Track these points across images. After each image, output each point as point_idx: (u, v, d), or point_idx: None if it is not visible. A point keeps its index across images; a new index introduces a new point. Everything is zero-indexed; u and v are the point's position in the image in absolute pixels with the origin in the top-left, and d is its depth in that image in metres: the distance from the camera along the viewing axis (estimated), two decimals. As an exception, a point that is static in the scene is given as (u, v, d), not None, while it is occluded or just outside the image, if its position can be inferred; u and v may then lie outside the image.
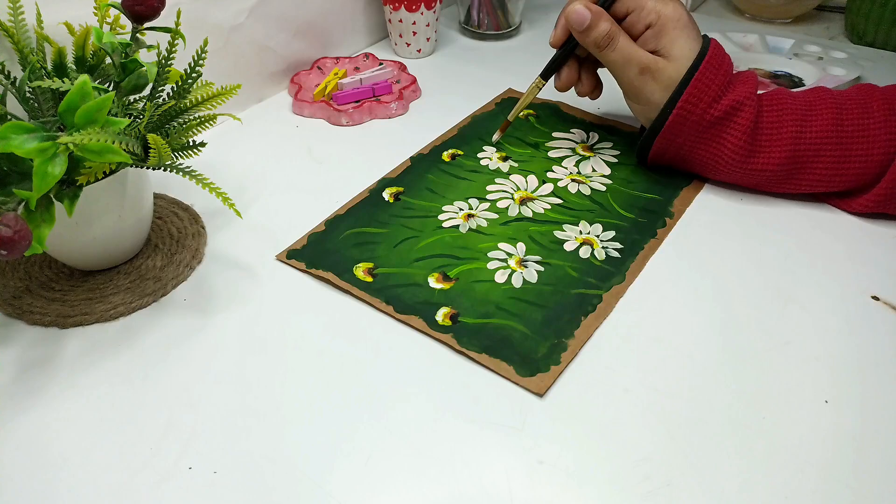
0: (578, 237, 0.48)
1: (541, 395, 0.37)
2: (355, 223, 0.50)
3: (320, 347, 0.40)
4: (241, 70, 0.63)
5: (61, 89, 0.37)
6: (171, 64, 0.42)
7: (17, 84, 0.41)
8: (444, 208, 0.51)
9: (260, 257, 0.47)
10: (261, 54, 0.64)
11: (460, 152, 0.58)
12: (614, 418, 0.36)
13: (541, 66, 0.56)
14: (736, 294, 0.43)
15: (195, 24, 0.56)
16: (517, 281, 0.44)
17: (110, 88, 0.43)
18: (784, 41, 0.74)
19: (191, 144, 0.42)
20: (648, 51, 0.49)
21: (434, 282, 0.44)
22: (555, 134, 0.60)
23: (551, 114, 0.63)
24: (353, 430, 0.36)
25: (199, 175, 0.41)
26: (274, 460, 0.34)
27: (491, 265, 0.46)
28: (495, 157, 0.57)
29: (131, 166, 0.41)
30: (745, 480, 0.33)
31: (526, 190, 0.53)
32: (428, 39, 0.74)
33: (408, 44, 0.73)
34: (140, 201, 0.44)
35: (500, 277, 0.45)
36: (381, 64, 0.69)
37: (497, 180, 0.54)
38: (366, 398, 0.37)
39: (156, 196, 0.52)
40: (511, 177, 0.55)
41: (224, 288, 0.45)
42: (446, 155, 0.57)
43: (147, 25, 0.43)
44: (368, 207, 0.51)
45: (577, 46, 0.52)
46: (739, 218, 0.50)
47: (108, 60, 0.44)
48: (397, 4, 0.70)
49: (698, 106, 0.48)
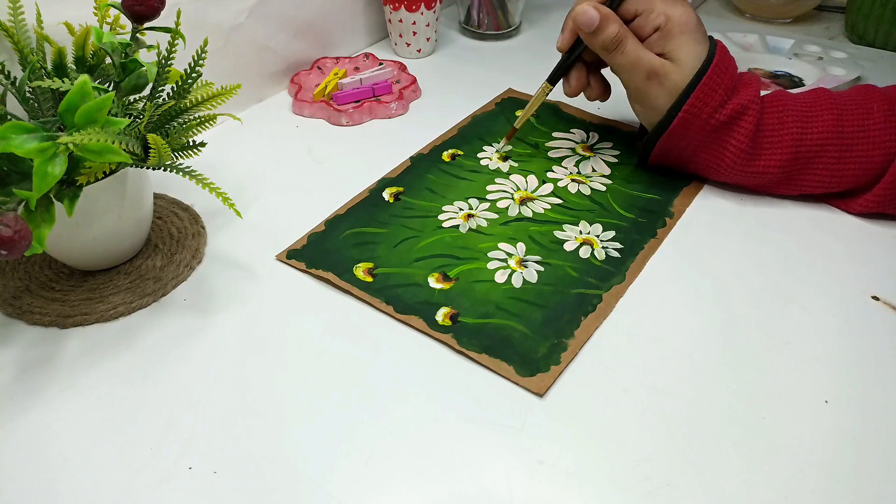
0: (578, 237, 0.48)
1: (541, 395, 0.37)
2: (355, 223, 0.50)
3: (320, 347, 0.40)
4: (241, 70, 0.63)
5: (61, 89, 0.37)
6: (171, 64, 0.42)
7: (17, 84, 0.41)
8: (444, 208, 0.51)
9: (260, 257, 0.47)
10: (261, 54, 0.64)
11: (460, 152, 0.58)
12: (614, 418, 0.36)
13: (541, 67, 0.55)
14: (736, 294, 0.43)
15: (195, 24, 0.56)
16: (517, 281, 0.44)
17: (110, 88, 0.43)
18: (784, 41, 0.74)
19: (191, 144, 0.42)
20: (655, 53, 0.49)
21: (434, 282, 0.44)
22: (555, 134, 0.60)
23: (551, 114, 0.63)
24: (353, 430, 0.36)
25: (199, 175, 0.41)
26: (274, 460, 0.34)
27: (491, 265, 0.46)
28: (495, 157, 0.57)
29: (131, 166, 0.41)
30: (745, 480, 0.33)
31: (526, 190, 0.53)
32: (428, 39, 0.74)
33: (408, 44, 0.73)
34: (140, 201, 0.44)
35: (500, 277, 0.45)
36: (381, 64, 0.69)
37: (497, 180, 0.54)
38: (366, 398, 0.37)
39: (156, 196, 0.52)
40: (511, 177, 0.55)
41: (224, 288, 0.45)
42: (446, 155, 0.57)
43: (147, 25, 0.43)
44: (368, 207, 0.51)
45: (585, 50, 0.51)
46: (739, 218, 0.50)
47: (108, 60, 0.44)
48: (397, 4, 0.70)
49: (703, 111, 0.47)
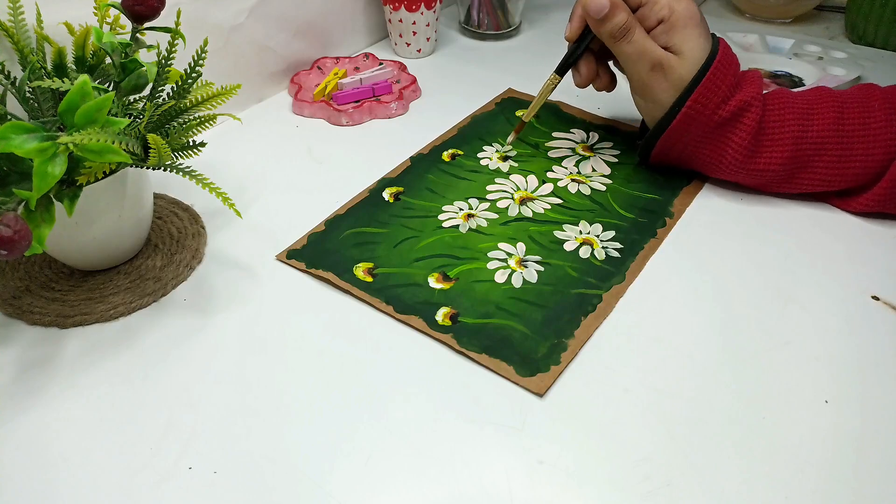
0: (578, 237, 0.48)
1: (541, 395, 0.37)
2: (355, 223, 0.50)
3: (320, 347, 0.40)
4: (241, 70, 0.63)
5: (61, 89, 0.37)
6: (171, 64, 0.42)
7: (17, 84, 0.41)
8: (444, 208, 0.51)
9: (260, 257, 0.47)
10: (261, 54, 0.64)
11: (460, 152, 0.58)
12: (614, 418, 0.36)
13: (541, 67, 0.55)
14: (736, 294, 0.43)
15: (195, 24, 0.56)
16: (517, 281, 0.44)
17: (110, 88, 0.43)
18: (784, 41, 0.74)
19: (191, 144, 0.42)
20: (663, 44, 0.49)
21: (434, 282, 0.44)
22: (555, 134, 0.60)
23: (551, 114, 0.63)
24: (353, 430, 0.36)
25: (199, 175, 0.41)
26: (274, 460, 0.34)
27: (491, 265, 0.46)
28: (495, 157, 0.57)
29: (131, 166, 0.41)
30: (745, 480, 0.33)
31: (526, 190, 0.53)
32: (428, 39, 0.74)
33: (408, 44, 0.73)
34: (140, 201, 0.44)
35: (500, 277, 0.45)
36: (381, 64, 0.69)
37: (497, 180, 0.54)
38: (366, 398, 0.37)
39: (156, 196, 0.52)
40: (511, 177, 0.55)
41: (224, 288, 0.45)
42: (446, 155, 0.57)
43: (147, 25, 0.43)
44: (368, 207, 0.51)
45: (593, 39, 0.51)
46: (739, 218, 0.50)
47: (108, 60, 0.44)
48: (397, 4, 0.70)
49: (707, 107, 0.47)
